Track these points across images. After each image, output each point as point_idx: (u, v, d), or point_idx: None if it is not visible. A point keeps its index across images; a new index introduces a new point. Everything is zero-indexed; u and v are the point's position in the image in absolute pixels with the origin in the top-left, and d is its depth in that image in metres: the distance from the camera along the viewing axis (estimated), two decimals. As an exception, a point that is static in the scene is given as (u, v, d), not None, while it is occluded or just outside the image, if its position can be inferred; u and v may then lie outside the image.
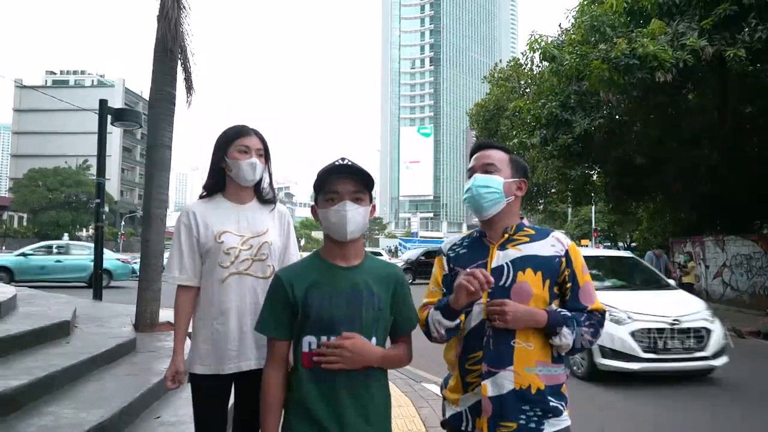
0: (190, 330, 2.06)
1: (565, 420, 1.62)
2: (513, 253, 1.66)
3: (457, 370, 1.67)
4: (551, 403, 1.59)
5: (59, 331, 4.33)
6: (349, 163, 1.56)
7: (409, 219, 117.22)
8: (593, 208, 24.59)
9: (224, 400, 2.06)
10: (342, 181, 1.55)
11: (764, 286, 12.57)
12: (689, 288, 12.47)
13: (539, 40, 13.87)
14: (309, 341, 1.52)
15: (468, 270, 1.54)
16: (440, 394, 1.81)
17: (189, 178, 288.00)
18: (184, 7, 6.31)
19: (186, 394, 3.85)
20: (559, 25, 15.95)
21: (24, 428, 2.62)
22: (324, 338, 1.51)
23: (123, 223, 58.68)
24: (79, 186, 53.93)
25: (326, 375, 1.49)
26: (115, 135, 64.64)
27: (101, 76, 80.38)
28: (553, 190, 21.77)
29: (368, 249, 47.58)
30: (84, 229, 55.84)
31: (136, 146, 74.37)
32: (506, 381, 1.57)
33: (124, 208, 65.81)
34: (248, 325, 1.98)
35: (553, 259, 1.65)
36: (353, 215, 1.54)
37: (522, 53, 17.93)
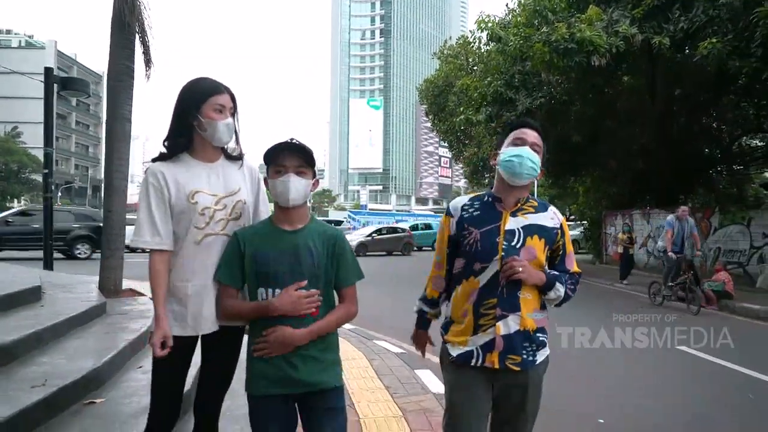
0: None
1: (547, 350, 2.02)
2: (522, 220, 1.97)
3: (471, 314, 1.94)
4: (540, 338, 1.99)
5: (32, 296, 4.55)
6: (296, 142, 1.89)
7: (358, 191, 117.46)
8: (535, 182, 25.74)
9: (189, 361, 2.09)
10: (288, 156, 1.88)
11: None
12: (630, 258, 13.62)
13: (486, 21, 14.47)
14: (260, 292, 1.87)
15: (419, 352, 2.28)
16: (442, 339, 2.09)
17: (131, 147, 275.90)
18: (140, -20, 6.36)
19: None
20: (506, 5, 16.58)
21: (27, 374, 2.94)
22: (271, 290, 1.85)
23: (60, 194, 56.09)
24: (9, 154, 50.93)
25: (274, 322, 1.83)
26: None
27: (30, 36, 75.16)
28: (498, 165, 22.65)
29: (326, 218, 47.51)
30: (15, 200, 52.98)
31: (71, 113, 70.61)
32: (513, 323, 1.91)
33: (59, 178, 62.65)
34: None
35: (553, 230, 2.00)
36: (295, 185, 1.86)
37: (471, 32, 18.49)
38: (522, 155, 1.93)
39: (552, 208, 2.05)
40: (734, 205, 13.62)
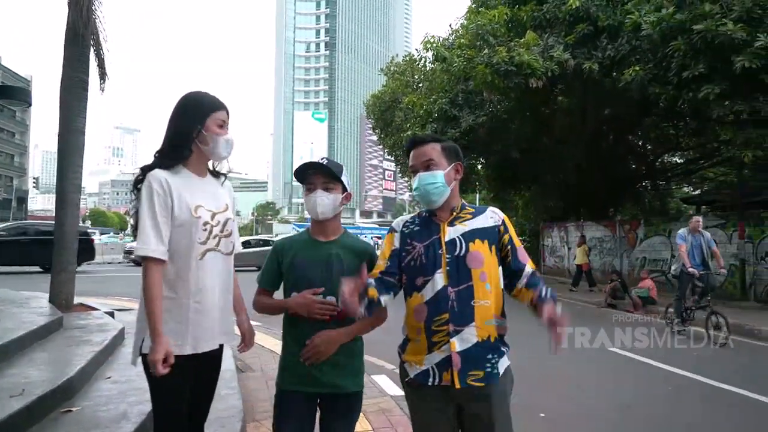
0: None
1: (507, 360, 1.93)
2: (461, 228, 1.93)
3: (424, 332, 1.86)
4: (502, 348, 1.90)
5: (-15, 311, 4.50)
6: (321, 161, 2.06)
7: (302, 204, 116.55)
8: (477, 195, 26.73)
9: (190, 379, 1.96)
10: (314, 174, 2.04)
11: (611, 264, 14.89)
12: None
13: (432, 41, 15.13)
14: (294, 295, 2.01)
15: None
16: (400, 359, 2.00)
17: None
18: (95, -7, 6.38)
19: (124, 360, 4.29)
20: (450, 26, 17.34)
21: (2, 384, 3.00)
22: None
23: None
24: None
25: (307, 320, 1.96)
26: (-32, 107, 57.27)
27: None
28: (442, 179, 23.37)
29: (269, 232, 46.28)
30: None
31: (-6, 121, 66.40)
32: (470, 336, 1.82)
33: (-20, 189, 58.79)
34: (220, 303, 2.01)
35: (494, 228, 1.95)
36: (321, 200, 2.02)
37: (416, 50, 19.16)
38: (419, 186, 1.94)
39: (491, 208, 2.01)
40: (657, 218, 14.80)
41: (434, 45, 14.96)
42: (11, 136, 71.38)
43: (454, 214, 1.97)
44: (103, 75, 6.63)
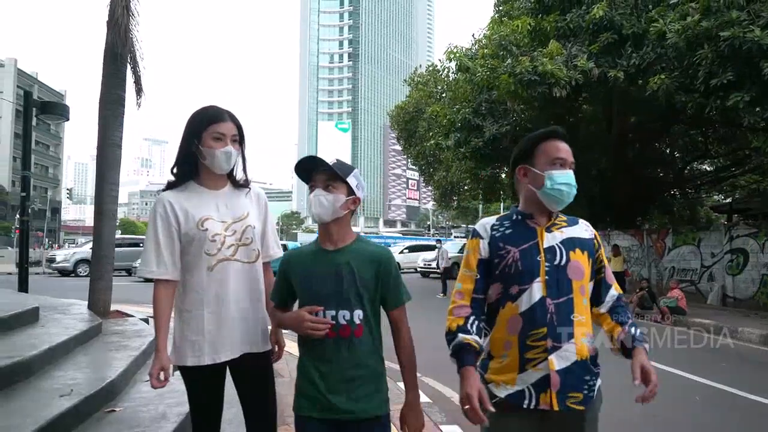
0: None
1: (599, 380, 1.75)
2: (559, 235, 1.77)
3: (516, 347, 1.68)
4: (595, 369, 1.73)
5: (31, 317, 4.74)
6: (321, 159, 1.86)
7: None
8: (502, 204, 26.66)
9: (220, 385, 2.05)
10: (317, 172, 1.84)
11: (639, 274, 14.68)
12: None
13: (455, 51, 15.25)
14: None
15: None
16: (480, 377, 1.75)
17: (90, 168, 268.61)
18: (133, 14, 6.69)
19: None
20: (473, 35, 17.47)
21: (51, 386, 3.20)
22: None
23: (17, 216, 54.24)
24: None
25: (317, 339, 1.77)
26: (4, 120, 59.60)
27: (-13, 54, 73.14)
28: (466, 188, 23.47)
29: (294, 240, 46.72)
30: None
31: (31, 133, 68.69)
32: (570, 353, 1.65)
33: (16, 199, 60.81)
34: (240, 312, 2.01)
35: (591, 241, 1.81)
36: (318, 200, 1.79)
37: (439, 60, 19.30)
38: (571, 183, 1.76)
39: (582, 220, 1.88)
40: (686, 227, 14.56)
41: (457, 55, 15.05)
42: (46, 148, 73.87)
43: (552, 219, 1.80)
44: (139, 91, 6.93)
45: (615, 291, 1.84)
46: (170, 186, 2.06)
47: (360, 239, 1.90)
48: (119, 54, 6.55)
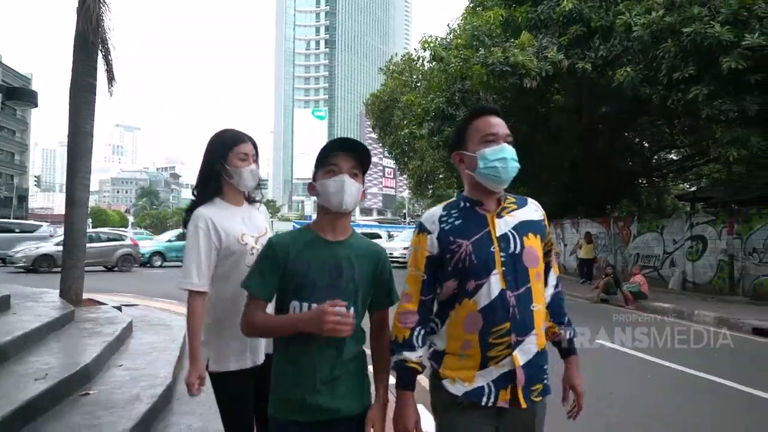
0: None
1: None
2: (510, 220, 1.66)
3: (478, 346, 1.57)
4: (547, 356, 1.67)
5: (3, 305, 4.78)
6: (357, 142, 1.71)
7: (302, 202, 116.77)
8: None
9: (250, 390, 2.09)
10: (342, 156, 1.68)
11: (606, 260, 15.16)
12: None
13: (430, 41, 15.40)
14: (294, 305, 1.64)
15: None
16: (433, 371, 1.69)
17: (58, 154, 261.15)
18: (104, 1, 6.63)
19: (135, 350, 4.57)
20: (448, 25, 17.61)
21: (26, 370, 3.28)
22: (306, 304, 1.62)
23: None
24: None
25: (308, 334, 1.59)
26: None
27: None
28: (440, 176, 23.73)
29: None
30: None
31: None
32: (532, 345, 1.58)
33: (-21, 187, 59.07)
34: None
35: (541, 222, 1.73)
36: (350, 187, 1.66)
37: (415, 49, 19.41)
38: (506, 157, 1.62)
39: (531, 200, 1.78)
40: (650, 215, 15.06)
41: (432, 45, 15.23)
42: (12, 134, 71.60)
43: (502, 203, 1.69)
44: (111, 79, 6.89)
45: (554, 273, 1.79)
46: (201, 202, 2.14)
47: (355, 233, 1.80)
48: (91, 42, 6.50)
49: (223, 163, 2.12)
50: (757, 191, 12.11)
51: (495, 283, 1.57)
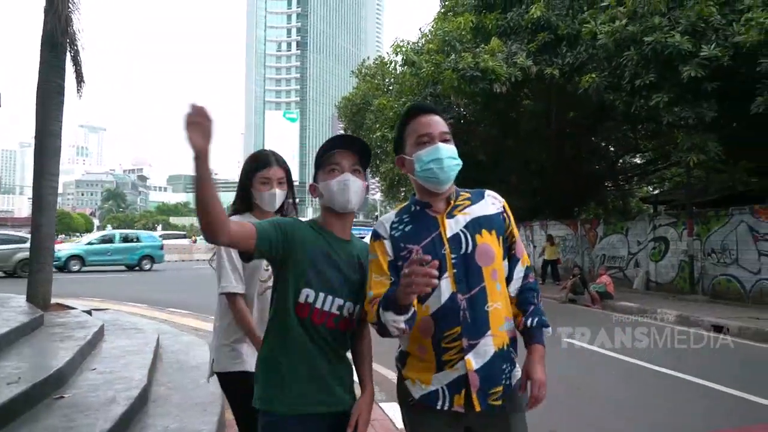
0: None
1: (519, 368, 1.66)
2: (462, 218, 1.62)
3: (432, 350, 1.56)
4: (512, 355, 1.63)
5: (-32, 310, 4.68)
6: (355, 138, 1.71)
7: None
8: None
9: None
10: (342, 153, 1.66)
11: (574, 261, 15.55)
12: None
13: (401, 45, 15.57)
14: (307, 293, 1.59)
15: (405, 269, 1.38)
16: (399, 373, 1.70)
17: (18, 155, 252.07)
18: (73, 1, 6.54)
19: (107, 354, 4.54)
20: (420, 30, 17.82)
21: (-3, 374, 3.25)
22: (323, 294, 1.60)
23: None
24: None
25: (315, 326, 1.60)
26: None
27: None
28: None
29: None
30: None
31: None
32: (488, 347, 1.55)
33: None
34: None
35: (499, 216, 1.67)
36: (354, 185, 1.64)
37: (387, 53, 19.54)
38: (440, 157, 1.59)
39: (488, 192, 1.73)
40: (615, 217, 15.53)
41: (403, 49, 15.40)
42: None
43: (452, 202, 1.65)
44: (80, 81, 6.79)
45: (522, 266, 1.71)
46: (235, 213, 2.30)
47: (352, 233, 1.81)
48: (59, 42, 6.40)
49: (249, 185, 2.28)
50: (715, 194, 12.64)
51: (445, 287, 1.55)
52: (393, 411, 4.16)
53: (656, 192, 21.98)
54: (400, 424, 3.92)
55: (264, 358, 1.66)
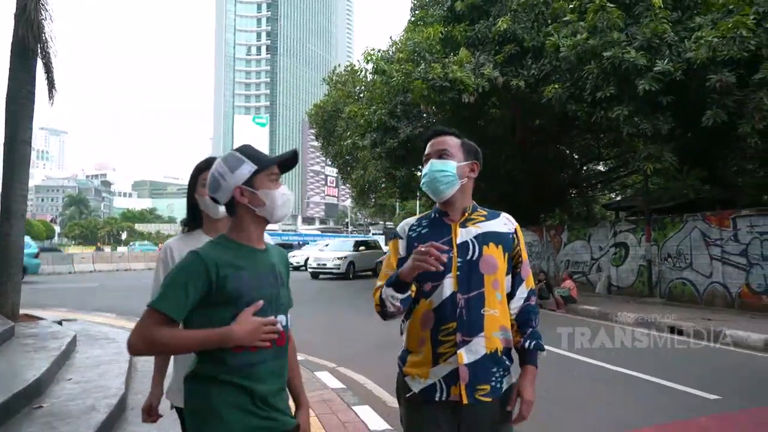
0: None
1: (514, 375, 1.82)
2: (474, 230, 1.81)
3: (429, 342, 1.74)
4: (506, 362, 1.79)
5: (-64, 322, 4.65)
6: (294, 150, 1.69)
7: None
8: (417, 202, 27.65)
9: None
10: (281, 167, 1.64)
11: (539, 267, 16.00)
12: None
13: (372, 54, 15.82)
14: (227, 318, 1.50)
15: (422, 248, 1.61)
16: (400, 370, 1.84)
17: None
18: (44, 7, 6.51)
19: (81, 364, 4.57)
20: (390, 38, 18.13)
21: (-25, 385, 3.28)
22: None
23: None
24: None
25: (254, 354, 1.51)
26: None
27: None
28: (383, 186, 24.19)
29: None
30: None
31: None
32: (479, 347, 1.71)
33: None
34: None
35: (508, 235, 1.85)
36: (292, 199, 1.65)
37: (358, 61, 19.81)
38: (428, 172, 1.84)
39: (504, 214, 1.93)
40: (578, 223, 16.07)
41: (374, 58, 15.64)
42: None
43: (466, 215, 1.86)
44: (51, 88, 6.75)
45: (525, 287, 1.88)
46: (186, 231, 2.24)
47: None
48: (31, 49, 6.37)
49: (194, 192, 2.18)
50: (670, 201, 13.23)
51: (448, 286, 1.74)
52: (365, 414, 4.33)
53: (618, 199, 22.78)
54: (372, 426, 4.12)
55: (197, 393, 1.54)
